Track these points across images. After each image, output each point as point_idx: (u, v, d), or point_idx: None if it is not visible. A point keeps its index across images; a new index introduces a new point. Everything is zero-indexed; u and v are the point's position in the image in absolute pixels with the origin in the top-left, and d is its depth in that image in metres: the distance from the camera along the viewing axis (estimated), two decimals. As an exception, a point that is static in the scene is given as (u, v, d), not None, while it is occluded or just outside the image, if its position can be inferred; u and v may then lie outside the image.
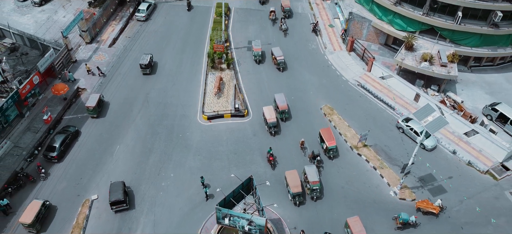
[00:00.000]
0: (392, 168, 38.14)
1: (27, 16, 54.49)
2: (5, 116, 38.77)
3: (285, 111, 41.80)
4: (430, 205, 34.60)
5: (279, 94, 42.83)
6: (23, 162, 37.55)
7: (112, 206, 33.64)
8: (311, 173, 34.98)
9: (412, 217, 33.48)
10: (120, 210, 34.10)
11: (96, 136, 40.47)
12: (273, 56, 48.37)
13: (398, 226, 33.49)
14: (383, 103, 44.75)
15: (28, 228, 32.26)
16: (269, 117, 40.24)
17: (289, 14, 57.22)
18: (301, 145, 39.42)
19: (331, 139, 37.90)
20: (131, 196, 35.32)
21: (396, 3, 47.73)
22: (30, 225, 31.74)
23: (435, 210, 34.40)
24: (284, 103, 41.73)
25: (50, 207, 34.27)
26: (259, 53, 48.40)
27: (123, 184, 34.50)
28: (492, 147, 39.27)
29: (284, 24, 54.18)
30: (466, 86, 47.19)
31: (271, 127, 40.32)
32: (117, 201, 33.38)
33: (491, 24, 45.00)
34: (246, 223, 28.25)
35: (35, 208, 32.23)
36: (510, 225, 34.26)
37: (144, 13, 55.46)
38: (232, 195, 29.32)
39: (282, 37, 53.53)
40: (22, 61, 45.15)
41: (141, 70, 47.19)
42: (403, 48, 46.71)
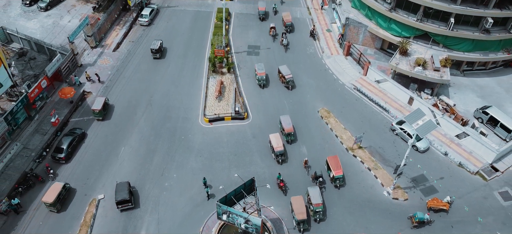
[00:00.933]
0: (386, 169, 39.78)
1: (34, 21, 56.21)
2: (15, 119, 40.43)
3: (291, 134, 41.18)
4: (440, 202, 36.39)
5: (285, 116, 42.24)
6: (32, 163, 39.22)
7: (118, 205, 35.31)
8: (315, 195, 34.92)
9: (426, 215, 35.15)
10: (126, 209, 35.77)
11: (102, 138, 42.13)
12: (281, 75, 47.68)
13: (414, 224, 35.10)
14: (378, 107, 46.37)
15: (50, 207, 35.04)
16: (276, 145, 39.24)
17: (291, 29, 56.34)
18: (304, 164, 39.38)
19: (338, 167, 37.13)
20: (136, 196, 36.99)
21: (391, 9, 49.34)
22: (51, 204, 34.61)
23: (445, 206, 36.23)
24: (290, 125, 41.12)
25: (70, 190, 36.97)
26: (263, 77, 47.07)
27: (128, 184, 36.17)
28: (482, 149, 40.90)
29: (285, 39, 53.32)
30: (458, 90, 48.80)
31: (278, 155, 39.46)
32: (122, 200, 35.05)
33: (482, 30, 46.62)
34: (243, 221, 29.85)
35: (57, 189, 35.08)
36: (497, 224, 35.89)
37: (147, 18, 57.12)
38: (233, 194, 30.97)
39: (283, 51, 53.92)
40: (30, 65, 46.78)
41: (152, 54, 51.30)
42: (397, 53, 48.35)
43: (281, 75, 47.66)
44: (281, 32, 55.13)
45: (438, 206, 36.25)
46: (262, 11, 58.24)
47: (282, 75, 47.44)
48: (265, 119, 44.74)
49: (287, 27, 55.85)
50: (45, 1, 57.90)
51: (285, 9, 60.50)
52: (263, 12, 58.26)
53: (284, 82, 47.48)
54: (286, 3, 62.91)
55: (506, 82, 50.28)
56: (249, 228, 30.40)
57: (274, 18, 59.33)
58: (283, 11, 59.57)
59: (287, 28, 55.89)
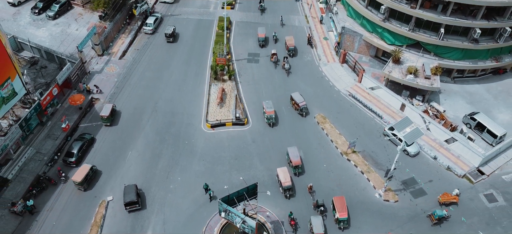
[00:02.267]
0: (378, 172, 42.17)
1: (43, 29, 58.59)
2: (28, 125, 42.89)
3: (299, 166, 41.12)
4: (450, 197, 39.34)
5: (292, 148, 42.03)
6: (45, 167, 41.66)
7: (126, 207, 37.77)
8: (317, 225, 35.69)
9: (444, 211, 37.85)
10: (133, 210, 38.22)
11: (110, 143, 44.57)
12: (293, 102, 47.71)
13: (434, 222, 37.75)
14: (371, 113, 48.76)
15: (78, 186, 39.30)
16: (284, 180, 39.03)
17: (293, 53, 55.81)
18: (309, 189, 40.14)
19: (343, 209, 36.81)
20: (142, 198, 39.44)
21: (385, 19, 51.72)
22: (79, 183, 38.94)
23: (455, 199, 39.15)
24: (298, 158, 40.94)
25: (96, 171, 41.07)
26: (272, 116, 45.69)
27: (135, 186, 38.62)
28: (469, 153, 43.28)
29: (287, 63, 53.08)
30: (449, 96, 51.17)
31: (286, 190, 39.35)
32: (130, 202, 37.52)
33: (471, 39, 49.00)
34: (241, 221, 32.30)
35: (85, 170, 39.41)
36: (481, 224, 38.27)
37: (152, 27, 59.56)
38: (236, 195, 33.40)
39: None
40: (42, 74, 49.26)
41: (166, 38, 57.77)
42: (390, 61, 50.73)
43: (294, 102, 47.72)
44: (283, 56, 54.67)
45: (449, 199, 39.24)
46: (262, 38, 56.70)
47: (295, 102, 47.55)
48: (264, 125, 47.11)
49: (290, 51, 55.32)
50: (53, 10, 60.25)
51: (285, 26, 61.68)
52: (263, 39, 56.78)
53: (297, 109, 47.57)
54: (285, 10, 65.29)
55: (494, 89, 52.62)
56: (245, 228, 32.82)
57: (275, 46, 57.76)
58: (286, 34, 58.76)
59: (289, 52, 55.37)
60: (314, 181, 41.19)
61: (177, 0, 67.17)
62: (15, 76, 40.87)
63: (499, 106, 50.09)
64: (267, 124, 46.11)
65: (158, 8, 65.39)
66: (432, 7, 48.75)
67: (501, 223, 38.59)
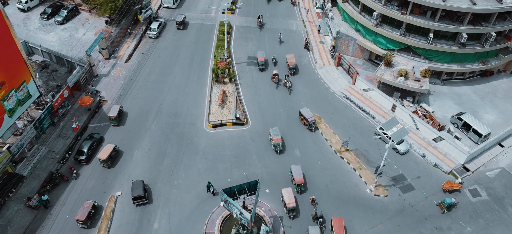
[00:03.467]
0: (370, 169, 44.95)
1: (51, 34, 61.37)
2: (41, 125, 45.71)
3: (302, 185, 42.12)
4: (453, 184, 42.64)
5: (296, 166, 43.00)
6: (57, 164, 44.47)
7: (134, 201, 40.60)
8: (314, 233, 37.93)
9: (453, 199, 41.17)
10: (141, 204, 41.04)
11: (117, 142, 47.31)
12: (302, 117, 49.07)
13: (444, 210, 40.94)
14: (364, 113, 51.54)
15: (103, 163, 43.68)
16: (288, 201, 39.91)
17: (294, 71, 56.42)
18: (311, 202, 41.55)
19: (341, 231, 37.83)
20: (149, 193, 42.27)
21: (377, 24, 54.51)
22: (104, 160, 43.38)
23: (458, 187, 42.55)
24: (300, 176, 41.93)
25: (118, 151, 45.58)
26: (279, 143, 45.91)
27: (142, 182, 41.44)
28: (455, 151, 46.07)
29: (289, 82, 53.78)
30: (438, 98, 53.94)
31: (290, 211, 40.21)
32: (138, 197, 40.37)
33: (458, 44, 51.77)
34: (238, 212, 35.13)
35: (109, 149, 44.03)
36: (464, 217, 41.05)
37: (156, 31, 62.37)
38: (237, 188, 36.22)
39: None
40: (53, 77, 52.06)
41: (177, 26, 63.99)
42: (382, 65, 53.51)
43: (302, 117, 49.09)
44: (285, 74, 55.41)
45: (453, 187, 42.58)
46: (261, 62, 56.27)
47: (303, 118, 48.94)
48: (263, 125, 49.91)
49: (291, 69, 56.09)
50: (61, 16, 63.03)
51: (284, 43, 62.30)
52: (262, 63, 56.34)
53: (306, 124, 48.89)
54: (282, 16, 68.08)
55: (481, 90, 55.38)
56: (242, 219, 35.65)
57: (274, 67, 57.63)
58: (286, 52, 59.27)
59: (291, 71, 56.09)
60: (310, 177, 44.03)
61: (179, 6, 69.99)
62: (30, 79, 43.68)
63: (485, 107, 52.85)
64: (274, 152, 46.37)
65: (161, 13, 68.24)
66: (422, 13, 51.53)
67: (483, 216, 41.38)
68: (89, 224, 39.37)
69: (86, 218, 38.59)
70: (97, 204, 40.98)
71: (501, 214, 41.64)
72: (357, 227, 40.25)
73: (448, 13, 50.58)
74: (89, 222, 39.33)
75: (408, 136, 48.09)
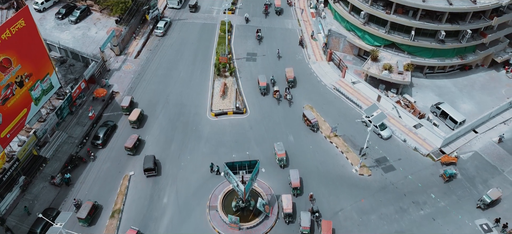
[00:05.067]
0: (356, 152, 50.15)
1: (66, 32, 66.63)
2: (61, 113, 51.04)
3: (298, 188, 44.98)
4: (450, 158, 48.56)
5: (294, 171, 45.87)
6: (76, 148, 49.77)
7: (145, 172, 46.27)
8: (305, 219, 41.19)
9: (453, 170, 46.83)
10: (151, 176, 46.74)
11: (129, 129, 52.60)
12: (305, 118, 52.66)
13: (446, 180, 46.56)
14: (352, 103, 56.76)
15: (132, 124, 51.87)
16: (285, 207, 42.58)
17: (293, 84, 58.53)
18: (309, 198, 45.01)
19: (328, 232, 40.51)
20: (159, 166, 47.90)
21: (365, 23, 59.74)
22: (134, 122, 51.60)
23: (454, 160, 48.16)
24: (297, 180, 44.76)
25: (144, 114, 53.47)
26: (283, 158, 47.72)
27: (153, 157, 47.12)
28: (433, 136, 51.27)
29: (289, 94, 56.23)
30: (420, 89, 59.15)
31: (286, 216, 43.04)
32: (148, 168, 46.05)
33: (438, 40, 56.98)
34: (236, 184, 40.43)
35: (137, 112, 52.10)
36: (439, 193, 46.25)
37: (162, 30, 67.67)
38: (239, 164, 41.46)
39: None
40: (71, 71, 57.42)
41: (189, 9, 72.00)
42: (369, 59, 58.75)
43: (306, 118, 52.84)
44: (285, 87, 57.71)
45: (449, 160, 48.20)
46: (263, 87, 57.01)
47: (307, 119, 52.65)
48: (261, 114, 55.18)
49: (289, 83, 58.26)
50: (75, 15, 68.29)
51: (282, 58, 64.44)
52: (264, 87, 57.08)
53: (309, 125, 52.60)
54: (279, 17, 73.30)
55: (460, 83, 60.58)
56: (238, 191, 40.97)
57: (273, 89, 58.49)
58: (285, 66, 61.15)
59: (289, 84, 58.19)
60: (302, 160, 49.26)
61: (184, 6, 75.28)
62: (52, 72, 48.98)
63: (463, 98, 58.06)
64: (279, 166, 48.51)
65: (167, 13, 73.55)
66: (404, 12, 56.78)
67: (456, 192, 46.62)
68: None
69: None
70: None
71: (471, 190, 46.87)
72: (343, 202, 45.50)
73: (428, 12, 55.73)
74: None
75: (391, 123, 53.46)
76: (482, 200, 44.43)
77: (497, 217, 43.58)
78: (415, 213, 44.75)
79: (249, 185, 40.60)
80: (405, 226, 43.67)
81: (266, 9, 73.13)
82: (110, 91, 56.82)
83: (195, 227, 43.00)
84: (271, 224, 43.04)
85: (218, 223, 42.90)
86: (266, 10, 73.07)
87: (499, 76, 61.99)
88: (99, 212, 43.99)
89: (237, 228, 42.19)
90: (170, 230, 42.76)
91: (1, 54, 40.10)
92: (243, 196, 41.27)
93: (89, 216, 42.21)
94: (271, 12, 74.01)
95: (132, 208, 44.38)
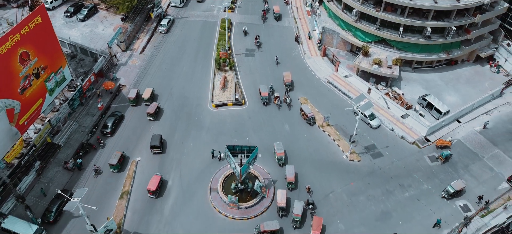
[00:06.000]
0: (346, 140, 53.94)
1: (74, 30, 70.42)
2: (73, 104, 54.87)
3: (292, 183, 47.81)
4: (444, 141, 52.74)
5: (290, 166, 48.59)
6: (86, 136, 53.56)
7: (152, 149, 50.90)
8: (297, 207, 44.20)
9: (448, 151, 51.25)
10: (157, 153, 51.23)
11: (136, 119, 56.44)
12: (303, 113, 56.00)
13: (443, 161, 50.80)
14: (344, 95, 60.56)
15: (145, 102, 57.31)
16: (279, 201, 45.16)
17: (291, 88, 60.90)
18: (307, 190, 47.77)
19: (318, 229, 42.69)
20: (165, 145, 52.45)
21: (356, 20, 63.53)
22: (147, 99, 57.15)
23: (448, 143, 52.46)
24: (292, 175, 47.43)
25: (155, 92, 58.76)
26: (282, 157, 50.60)
27: (160, 136, 51.56)
28: (419, 126, 55.06)
29: (288, 98, 58.65)
30: (408, 83, 62.93)
31: (280, 210, 45.59)
32: (154, 146, 50.72)
33: (425, 36, 60.76)
34: (234, 166, 44.27)
35: (149, 91, 57.83)
36: (423, 177, 50.06)
37: (165, 27, 71.47)
38: (239, 148, 45.35)
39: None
40: (81, 65, 61.24)
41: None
42: (361, 55, 62.55)
43: (303, 113, 56.16)
44: (284, 92, 60.00)
45: (443, 144, 52.27)
46: (265, 97, 58.35)
47: (304, 113, 55.92)
48: (259, 105, 58.98)
49: (287, 86, 60.51)
50: (82, 13, 72.07)
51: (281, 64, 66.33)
52: (266, 98, 58.40)
53: (306, 119, 56.07)
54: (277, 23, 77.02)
55: (446, 77, 64.37)
56: (236, 173, 44.92)
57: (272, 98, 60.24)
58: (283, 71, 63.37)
59: (287, 87, 60.41)
60: (297, 148, 53.04)
61: (186, 5, 79.09)
62: (65, 65, 52.79)
63: (449, 91, 61.85)
64: (278, 164, 51.08)
65: (170, 11, 77.36)
66: (393, 10, 60.52)
67: (438, 176, 50.42)
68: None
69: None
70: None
71: (453, 174, 50.66)
72: (334, 185, 49.30)
73: (415, 10, 59.51)
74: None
75: (380, 113, 57.27)
76: (446, 190, 47.93)
77: (480, 195, 47.56)
78: (401, 195, 48.56)
79: (245, 167, 44.38)
80: (391, 207, 47.48)
81: (264, 15, 75.56)
82: (117, 85, 60.61)
83: (197, 207, 46.84)
84: (267, 204, 46.85)
85: (219, 203, 46.72)
86: (264, 15, 75.47)
87: (483, 71, 65.78)
88: (126, 161, 51.08)
89: (236, 207, 46.00)
90: (174, 209, 46.59)
91: (21, 48, 43.89)
92: (239, 177, 45.03)
93: (118, 163, 49.41)
94: (270, 17, 76.48)
95: (140, 190, 48.17)
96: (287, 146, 53.00)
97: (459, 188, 47.67)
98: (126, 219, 45.53)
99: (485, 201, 47.07)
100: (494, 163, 51.91)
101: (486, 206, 46.72)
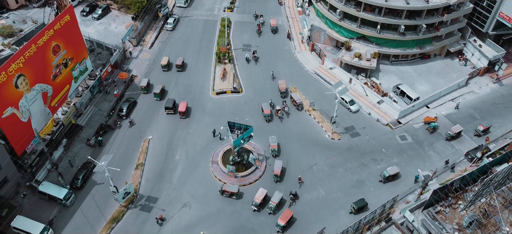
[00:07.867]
0: (329, 122, 62.54)
1: (90, 27, 78.80)
2: (93, 91, 63.53)
3: (278, 175, 53.47)
4: (430, 118, 62.14)
5: (279, 161, 54.79)
6: (105, 118, 62.15)
7: (166, 110, 61.41)
8: (276, 196, 50.57)
9: (436, 123, 60.60)
10: (170, 114, 61.62)
11: (147, 105, 65.04)
12: (293, 100, 63.73)
13: (431, 131, 60.26)
14: (329, 85, 69.14)
15: (163, 68, 69.34)
16: (256, 197, 50.45)
17: (285, 95, 66.03)
18: (299, 180, 53.88)
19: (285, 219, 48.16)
20: (176, 108, 62.27)
21: (340, 19, 72.13)
22: (165, 65, 68.94)
23: (434, 120, 61.78)
24: (279, 169, 53.48)
25: (150, 83, 66.42)
26: (275, 149, 56.67)
27: (174, 100, 61.43)
28: (392, 110, 63.66)
29: (287, 106, 63.86)
30: (386, 74, 71.53)
31: (256, 206, 50.35)
32: (168, 107, 61.12)
33: (399, 33, 69.34)
34: (231, 140, 52.88)
35: (166, 59, 69.43)
36: (394, 153, 58.66)
37: (171, 25, 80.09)
38: (238, 125, 54.22)
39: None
40: (99, 58, 69.90)
41: None
42: (343, 49, 71.17)
43: (293, 100, 64.08)
44: (282, 101, 65.17)
45: (430, 120, 61.37)
46: (267, 114, 62.09)
47: (293, 100, 63.90)
48: (254, 93, 67.62)
49: (282, 93, 65.94)
50: (97, 13, 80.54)
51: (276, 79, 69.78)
52: (268, 115, 62.19)
53: (295, 105, 63.73)
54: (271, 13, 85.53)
55: (420, 69, 72.93)
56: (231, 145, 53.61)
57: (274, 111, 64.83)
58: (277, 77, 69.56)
59: (282, 94, 65.89)
60: (285, 128, 61.66)
61: (189, 5, 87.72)
62: (87, 57, 61.47)
63: (421, 81, 70.43)
64: (272, 155, 57.40)
65: (175, 11, 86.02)
66: (371, 10, 69.08)
67: (407, 152, 59.04)
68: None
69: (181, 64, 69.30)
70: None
71: (419, 151, 59.28)
72: (317, 159, 57.90)
73: (391, 10, 68.04)
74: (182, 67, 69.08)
75: (359, 100, 65.86)
76: (382, 175, 55.09)
77: (446, 159, 56.85)
78: (373, 167, 57.20)
79: (237, 141, 53.02)
80: (365, 176, 56.12)
81: (259, 28, 79.37)
82: (130, 75, 69.23)
83: (201, 176, 55.51)
84: (259, 174, 55.52)
85: (219, 173, 55.38)
86: (259, 29, 79.43)
87: (453, 64, 74.39)
88: (166, 93, 65.82)
89: (233, 176, 54.66)
90: (181, 178, 55.26)
91: (54, 41, 52.50)
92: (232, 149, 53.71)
93: (160, 93, 64.13)
94: (266, 31, 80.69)
95: (152, 162, 56.85)
96: (277, 127, 61.61)
97: (394, 173, 54.48)
98: (141, 186, 54.23)
99: (451, 165, 55.77)
100: (455, 141, 60.52)
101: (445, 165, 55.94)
